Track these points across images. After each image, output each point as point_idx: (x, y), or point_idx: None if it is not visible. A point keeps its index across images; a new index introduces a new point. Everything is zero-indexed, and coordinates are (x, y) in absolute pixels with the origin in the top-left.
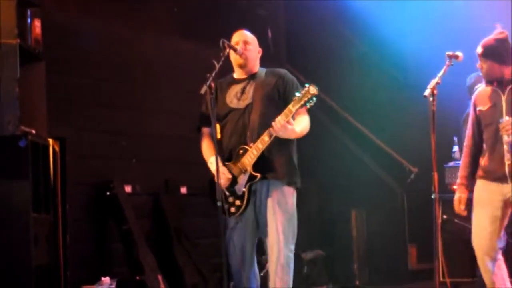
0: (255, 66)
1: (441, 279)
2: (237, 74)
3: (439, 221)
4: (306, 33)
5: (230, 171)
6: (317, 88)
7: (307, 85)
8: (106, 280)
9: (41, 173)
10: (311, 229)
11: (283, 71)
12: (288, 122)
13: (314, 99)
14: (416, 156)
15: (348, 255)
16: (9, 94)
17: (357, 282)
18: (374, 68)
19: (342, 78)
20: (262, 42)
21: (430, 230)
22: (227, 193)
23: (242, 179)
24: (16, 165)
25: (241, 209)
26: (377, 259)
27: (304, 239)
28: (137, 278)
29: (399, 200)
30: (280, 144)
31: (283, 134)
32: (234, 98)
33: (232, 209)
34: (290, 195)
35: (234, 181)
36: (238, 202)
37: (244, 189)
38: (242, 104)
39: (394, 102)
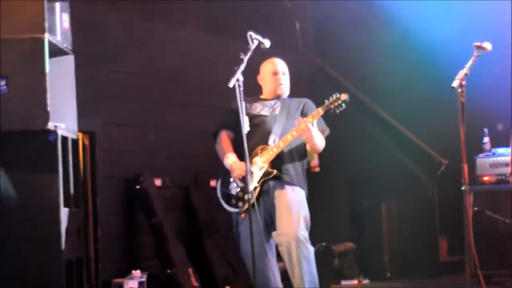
0: (286, 93)
1: (473, 271)
2: (266, 94)
3: (470, 213)
4: (334, 25)
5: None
6: (348, 95)
7: (338, 93)
8: (136, 273)
9: (71, 167)
10: (341, 222)
11: (306, 99)
12: (312, 123)
13: (344, 105)
14: (447, 148)
15: (378, 247)
16: (38, 88)
17: (388, 275)
18: (403, 60)
19: (371, 70)
20: (290, 35)
21: (460, 222)
22: (239, 188)
23: (257, 174)
24: (46, 160)
25: (251, 203)
26: (407, 251)
27: (335, 232)
28: (168, 271)
29: (430, 192)
30: (297, 151)
31: (304, 135)
32: (262, 109)
33: (240, 204)
34: (302, 194)
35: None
36: (249, 196)
37: (256, 185)
38: (270, 114)
39: (424, 94)
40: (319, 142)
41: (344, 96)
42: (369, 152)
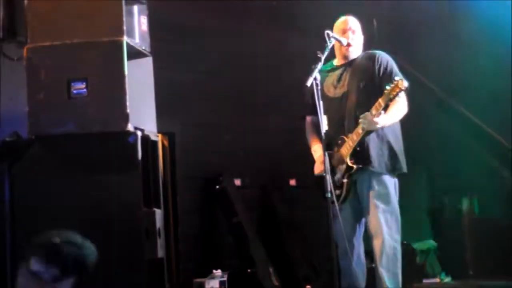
0: (357, 54)
1: None
2: (337, 61)
3: None
4: (411, 22)
5: (330, 161)
6: (406, 82)
7: (396, 78)
8: (217, 273)
9: (151, 168)
10: (422, 219)
11: (377, 52)
12: (377, 116)
13: (403, 93)
14: None
15: (460, 244)
16: (117, 90)
17: (471, 272)
18: (482, 55)
19: (449, 65)
20: (367, 32)
21: None
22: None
23: (341, 169)
24: (126, 161)
25: (341, 198)
26: (490, 248)
27: (416, 230)
28: (248, 270)
29: (511, 187)
30: (378, 133)
31: (373, 128)
32: (331, 86)
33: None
34: (391, 185)
35: (333, 171)
36: (337, 192)
37: (343, 180)
38: (339, 93)
39: (503, 87)
40: (393, 119)
41: (401, 83)
42: (449, 148)
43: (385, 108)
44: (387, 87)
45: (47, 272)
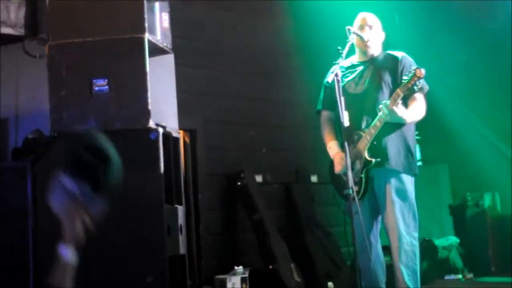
0: (377, 50)
1: None
2: (357, 57)
3: None
4: (433, 16)
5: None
6: (423, 70)
7: (414, 67)
8: (239, 269)
9: (173, 165)
10: (443, 216)
11: (400, 54)
12: (396, 105)
13: (421, 81)
14: None
15: (482, 241)
16: (139, 87)
17: (493, 269)
18: (503, 47)
19: (471, 59)
20: (388, 26)
21: None
22: (345, 179)
23: (358, 165)
24: (148, 158)
25: (360, 195)
26: None
27: (438, 226)
28: (270, 267)
29: None
30: (395, 131)
31: (392, 118)
32: (352, 83)
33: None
34: (408, 182)
35: (351, 167)
36: (356, 188)
37: (361, 175)
38: (359, 90)
39: None
40: (413, 117)
41: (419, 72)
42: (472, 145)
43: (405, 106)
44: (405, 77)
45: (79, 189)
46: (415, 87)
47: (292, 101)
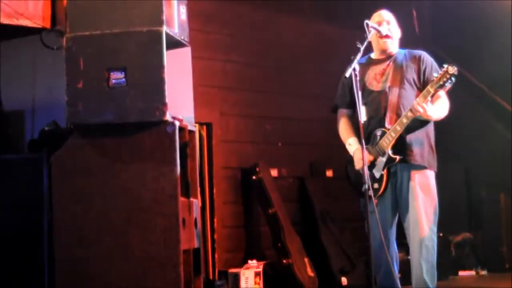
0: (395, 47)
1: None
2: (376, 54)
3: None
4: (452, 13)
5: (368, 154)
6: (455, 68)
7: (445, 65)
8: (253, 263)
9: (189, 158)
10: (458, 212)
11: (421, 52)
12: (426, 103)
13: (453, 79)
14: None
15: (497, 238)
16: (156, 80)
17: (507, 266)
18: None
19: (491, 58)
20: (407, 23)
21: None
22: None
23: (380, 162)
24: (164, 151)
25: (380, 192)
26: None
27: (452, 222)
28: (284, 261)
29: None
30: (418, 128)
31: (421, 116)
32: (373, 80)
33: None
34: (432, 177)
35: (372, 164)
36: (376, 185)
37: (382, 172)
38: (382, 86)
39: None
40: (438, 112)
41: (451, 70)
42: (487, 142)
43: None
44: (435, 74)
45: None
46: (446, 84)
47: (308, 95)
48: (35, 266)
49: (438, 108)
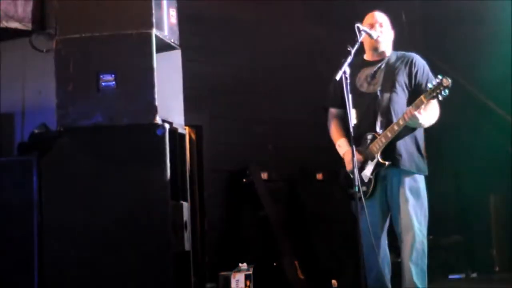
0: (388, 49)
1: None
2: (368, 56)
3: None
4: (443, 15)
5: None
6: (450, 80)
7: (440, 77)
8: (243, 266)
9: (179, 161)
10: (448, 215)
11: (413, 55)
12: (418, 112)
13: (447, 91)
14: None
15: (487, 240)
16: (146, 83)
17: (497, 268)
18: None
19: (482, 62)
20: (396, 26)
21: None
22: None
23: (369, 166)
24: (154, 154)
25: (367, 195)
26: None
27: (441, 225)
28: (274, 263)
29: None
30: (408, 133)
31: (413, 124)
32: (364, 82)
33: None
34: (421, 180)
35: (361, 167)
36: (364, 188)
37: (370, 176)
38: (373, 89)
39: None
40: (430, 121)
41: (446, 82)
42: (477, 143)
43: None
44: (430, 86)
45: None
46: (440, 96)
47: (298, 98)
48: (25, 269)
49: (430, 115)
